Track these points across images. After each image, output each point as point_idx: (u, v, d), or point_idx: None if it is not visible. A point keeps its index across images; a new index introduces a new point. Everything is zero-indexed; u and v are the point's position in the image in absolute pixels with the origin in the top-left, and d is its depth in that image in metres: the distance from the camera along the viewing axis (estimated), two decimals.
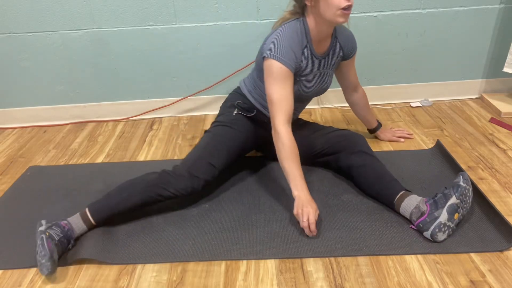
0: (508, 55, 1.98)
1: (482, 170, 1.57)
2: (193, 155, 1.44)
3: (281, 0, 1.96)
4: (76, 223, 1.28)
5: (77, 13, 1.97)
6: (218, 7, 1.98)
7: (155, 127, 2.11)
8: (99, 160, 1.81)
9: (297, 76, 1.40)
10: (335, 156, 1.53)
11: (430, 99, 2.20)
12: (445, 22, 2.04)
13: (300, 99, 1.50)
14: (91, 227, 1.31)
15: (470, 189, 1.27)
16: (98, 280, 1.17)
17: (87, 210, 1.31)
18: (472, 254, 1.18)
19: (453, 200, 1.21)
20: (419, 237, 1.24)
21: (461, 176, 1.26)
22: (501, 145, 1.73)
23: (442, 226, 1.20)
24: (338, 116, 2.08)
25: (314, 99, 2.19)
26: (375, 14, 2.01)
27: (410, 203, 1.28)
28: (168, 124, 2.13)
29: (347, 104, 1.78)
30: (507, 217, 1.29)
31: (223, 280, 1.15)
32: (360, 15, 2.00)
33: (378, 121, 1.81)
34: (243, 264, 1.19)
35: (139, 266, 1.21)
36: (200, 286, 1.13)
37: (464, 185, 1.23)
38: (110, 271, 1.19)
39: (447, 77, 2.18)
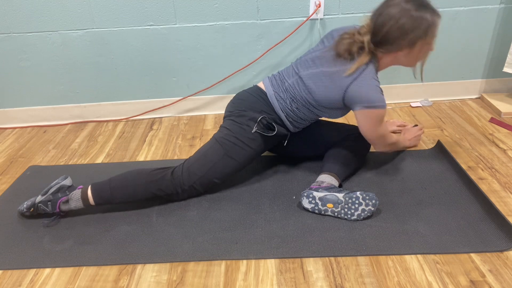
0: (508, 55, 1.98)
1: (482, 170, 1.57)
2: (199, 170, 1.42)
3: (281, 0, 1.96)
4: (75, 203, 1.38)
5: (77, 13, 1.97)
6: (218, 7, 1.98)
7: (155, 127, 2.11)
8: (99, 160, 1.81)
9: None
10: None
11: (430, 99, 2.20)
12: (445, 22, 2.04)
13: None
14: (88, 206, 1.40)
15: (361, 208, 1.31)
16: (98, 280, 1.17)
17: (89, 194, 1.37)
18: (472, 254, 1.18)
19: (317, 194, 1.34)
20: (419, 237, 1.24)
21: (367, 197, 1.31)
22: (501, 145, 1.73)
23: (311, 197, 1.35)
24: None
25: None
26: None
27: (324, 177, 1.43)
28: (168, 124, 2.13)
29: None
30: (507, 217, 1.29)
31: (223, 280, 1.15)
32: (360, 15, 2.00)
33: None
34: (243, 264, 1.19)
35: (139, 266, 1.21)
36: (200, 286, 1.13)
37: (359, 196, 1.31)
38: (110, 271, 1.19)
39: (447, 77, 2.18)
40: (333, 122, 1.64)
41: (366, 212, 1.30)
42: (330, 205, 1.33)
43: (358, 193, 1.31)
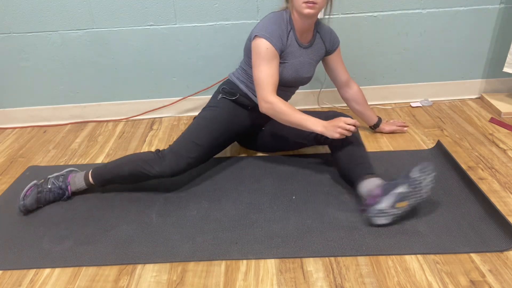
0: (508, 55, 1.97)
1: (482, 170, 1.57)
2: (179, 137, 1.54)
3: (281, 0, 1.96)
4: (80, 180, 1.50)
5: (77, 13, 1.97)
6: (218, 7, 1.98)
7: (155, 127, 2.11)
8: (99, 160, 1.81)
9: (281, 58, 1.50)
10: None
11: (430, 99, 2.20)
12: (445, 22, 2.04)
13: (281, 83, 1.54)
14: (90, 186, 1.52)
15: (427, 179, 1.25)
16: (98, 280, 1.17)
17: (90, 173, 1.50)
18: (472, 254, 1.18)
19: (383, 205, 1.25)
20: (419, 237, 1.24)
21: (415, 168, 1.26)
22: (501, 145, 1.73)
23: (381, 212, 1.26)
24: None
25: (314, 99, 2.19)
26: (375, 14, 2.01)
27: (366, 186, 1.33)
28: (168, 124, 2.13)
29: (346, 104, 1.78)
30: (507, 217, 1.29)
31: (223, 280, 1.15)
32: (360, 15, 2.00)
33: (378, 116, 1.85)
34: (243, 264, 1.20)
35: (139, 266, 1.21)
36: (200, 286, 1.13)
37: (416, 176, 1.24)
38: (110, 271, 1.20)
39: (447, 77, 2.18)
40: (316, 112, 1.59)
41: (432, 182, 1.26)
42: (403, 204, 1.25)
43: (414, 173, 1.24)
